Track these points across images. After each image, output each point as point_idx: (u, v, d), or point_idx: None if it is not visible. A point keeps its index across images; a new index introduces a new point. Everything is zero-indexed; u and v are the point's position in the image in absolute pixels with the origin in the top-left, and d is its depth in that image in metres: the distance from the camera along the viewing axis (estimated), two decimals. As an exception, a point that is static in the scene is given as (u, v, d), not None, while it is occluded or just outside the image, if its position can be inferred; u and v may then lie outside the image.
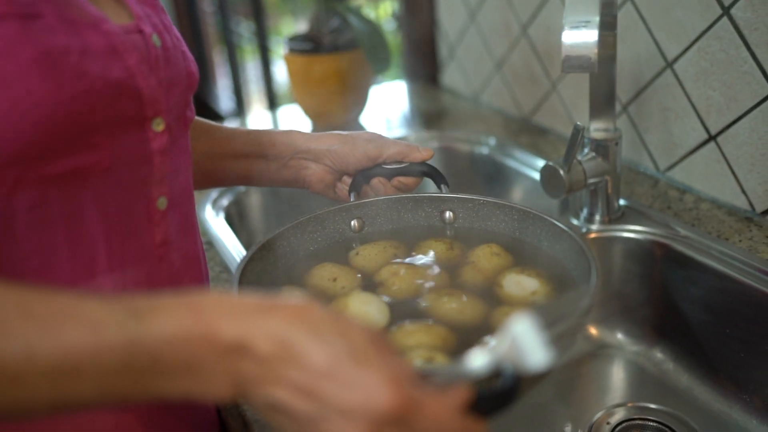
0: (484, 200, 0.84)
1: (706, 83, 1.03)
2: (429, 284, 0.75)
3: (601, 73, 0.97)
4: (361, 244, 0.82)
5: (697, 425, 0.91)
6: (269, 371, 0.44)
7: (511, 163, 1.28)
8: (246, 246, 1.09)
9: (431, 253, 0.80)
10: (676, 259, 0.98)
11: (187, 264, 0.71)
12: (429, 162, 0.87)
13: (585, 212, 1.06)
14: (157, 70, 0.61)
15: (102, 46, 0.57)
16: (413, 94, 1.71)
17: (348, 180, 0.88)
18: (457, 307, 0.70)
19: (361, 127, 1.50)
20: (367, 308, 0.69)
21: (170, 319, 0.45)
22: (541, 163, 1.23)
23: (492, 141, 1.35)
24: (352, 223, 0.84)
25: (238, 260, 1.03)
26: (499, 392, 0.46)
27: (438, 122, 1.51)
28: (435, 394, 0.45)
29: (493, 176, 1.32)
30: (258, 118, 1.63)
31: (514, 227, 0.82)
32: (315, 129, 1.51)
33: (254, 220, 1.29)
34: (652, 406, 0.95)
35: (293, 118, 1.58)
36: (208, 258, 1.05)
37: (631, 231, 1.03)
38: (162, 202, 0.65)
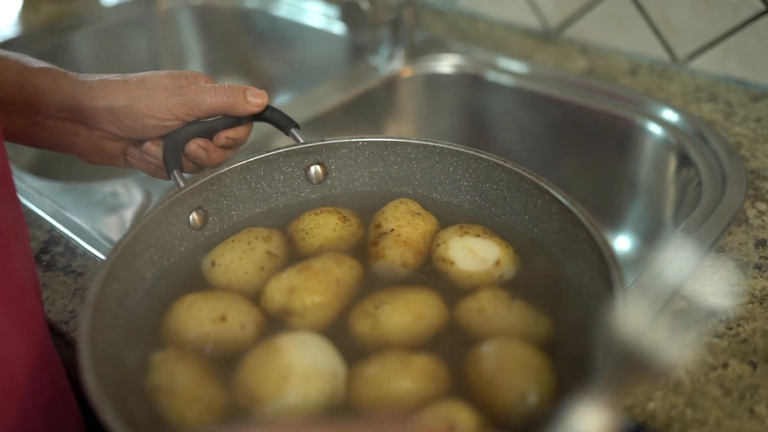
0: (363, 141, 0.60)
1: None
2: (348, 288, 0.51)
3: None
4: (212, 248, 0.55)
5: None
6: None
7: (285, 13, 1.14)
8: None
9: (322, 235, 0.56)
10: (487, 87, 0.94)
11: None
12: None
13: (385, 51, 0.97)
14: None
15: None
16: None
17: (143, 145, 0.60)
18: (408, 318, 0.48)
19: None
20: (313, 357, 0.45)
21: None
22: (318, 7, 1.10)
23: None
24: (191, 217, 0.56)
25: None
26: None
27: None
28: None
29: (269, 35, 1.17)
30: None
31: (412, 169, 0.60)
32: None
33: None
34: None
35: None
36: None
37: (441, 64, 0.96)
38: None
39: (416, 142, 0.59)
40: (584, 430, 0.38)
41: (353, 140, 0.60)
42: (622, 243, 0.87)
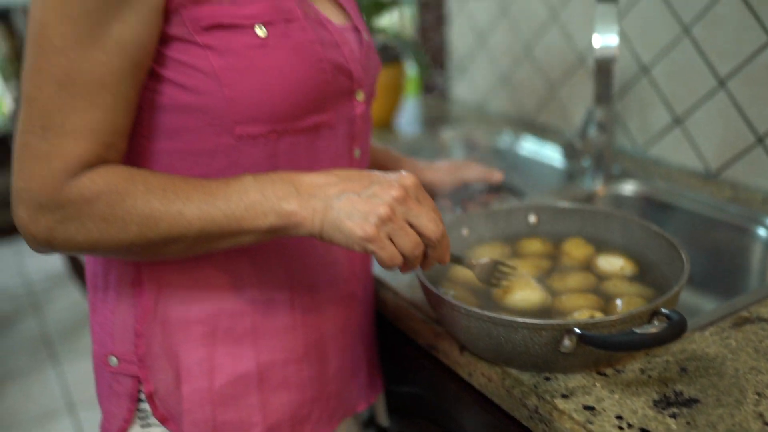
0: (564, 207, 1.08)
1: (672, 79, 1.44)
2: (541, 269, 1.00)
3: (603, 70, 1.37)
4: (471, 247, 1.05)
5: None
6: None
7: (525, 152, 1.67)
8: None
9: (530, 249, 1.05)
10: (658, 207, 1.38)
11: None
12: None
13: (589, 177, 1.45)
14: (362, 57, 0.85)
15: (330, 39, 0.79)
16: (425, 105, 2.10)
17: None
18: (580, 280, 0.97)
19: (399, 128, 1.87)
20: (522, 292, 0.92)
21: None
22: (548, 151, 1.62)
23: (508, 135, 1.74)
24: (463, 230, 1.06)
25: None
26: None
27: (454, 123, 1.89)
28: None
29: (512, 165, 1.71)
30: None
31: (594, 223, 1.06)
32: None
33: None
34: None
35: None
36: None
37: (627, 188, 1.43)
38: (357, 153, 0.89)
39: (592, 209, 1.07)
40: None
41: (557, 204, 1.09)
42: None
